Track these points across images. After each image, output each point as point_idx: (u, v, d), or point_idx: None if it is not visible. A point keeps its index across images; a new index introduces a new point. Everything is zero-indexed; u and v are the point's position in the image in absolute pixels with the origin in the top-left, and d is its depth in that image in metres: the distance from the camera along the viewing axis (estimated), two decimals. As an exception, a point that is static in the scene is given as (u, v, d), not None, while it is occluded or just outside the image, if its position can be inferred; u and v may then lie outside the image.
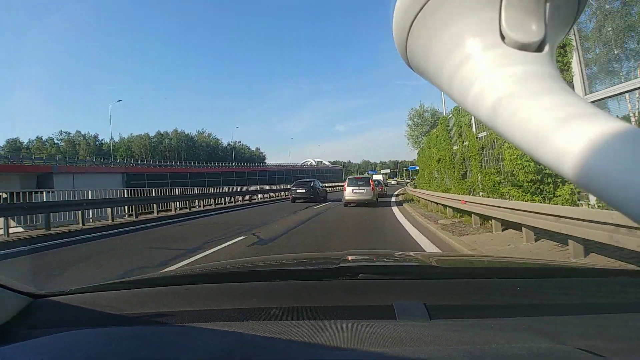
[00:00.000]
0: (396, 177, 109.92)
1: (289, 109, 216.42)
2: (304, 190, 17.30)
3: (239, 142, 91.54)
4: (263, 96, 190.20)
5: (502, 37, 0.25)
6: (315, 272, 1.07)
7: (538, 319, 0.65)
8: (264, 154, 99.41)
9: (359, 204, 12.98)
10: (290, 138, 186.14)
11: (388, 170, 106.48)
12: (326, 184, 27.69)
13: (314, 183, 18.07)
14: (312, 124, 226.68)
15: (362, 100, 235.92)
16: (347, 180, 13.46)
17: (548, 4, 0.24)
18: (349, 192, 12.92)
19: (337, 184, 40.56)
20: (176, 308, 0.75)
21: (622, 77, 5.04)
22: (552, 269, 1.11)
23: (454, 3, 0.25)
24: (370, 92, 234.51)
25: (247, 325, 0.66)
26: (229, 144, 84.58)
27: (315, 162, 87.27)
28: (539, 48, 0.25)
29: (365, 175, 19.84)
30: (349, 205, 12.95)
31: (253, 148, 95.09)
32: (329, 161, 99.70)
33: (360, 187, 12.91)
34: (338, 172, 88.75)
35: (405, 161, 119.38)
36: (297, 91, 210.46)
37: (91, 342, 0.55)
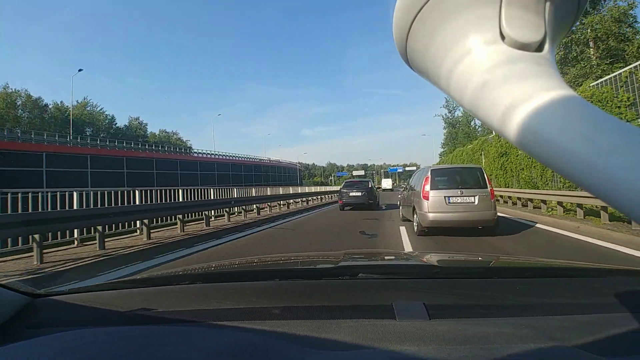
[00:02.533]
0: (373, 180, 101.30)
1: (255, 112, 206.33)
2: (359, 194, 12.04)
3: (137, 118, 64.25)
4: (230, 97, 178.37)
5: (502, 37, 0.25)
6: (316, 271, 1.08)
7: (538, 319, 0.66)
8: (187, 142, 71.85)
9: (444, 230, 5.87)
10: (217, 115, 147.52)
11: (362, 172, 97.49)
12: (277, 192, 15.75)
13: (371, 184, 13.18)
14: (278, 128, 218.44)
15: (331, 107, 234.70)
16: (429, 175, 6.04)
17: (548, 4, 0.25)
18: (436, 204, 5.75)
19: (293, 189, 18.84)
20: (176, 307, 0.74)
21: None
22: (552, 269, 1.14)
23: (453, 3, 0.25)
24: (338, 98, 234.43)
25: (247, 325, 0.66)
26: (129, 122, 60.74)
27: (270, 159, 64.95)
28: (538, 48, 0.25)
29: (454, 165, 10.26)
30: (425, 233, 5.94)
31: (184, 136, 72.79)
32: (289, 162, 74.85)
33: (465, 194, 5.76)
34: (293, 173, 69.04)
35: (374, 165, 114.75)
36: (266, 94, 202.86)
37: (90, 342, 0.52)
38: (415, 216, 6.33)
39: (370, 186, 12.89)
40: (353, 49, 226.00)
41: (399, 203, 8.98)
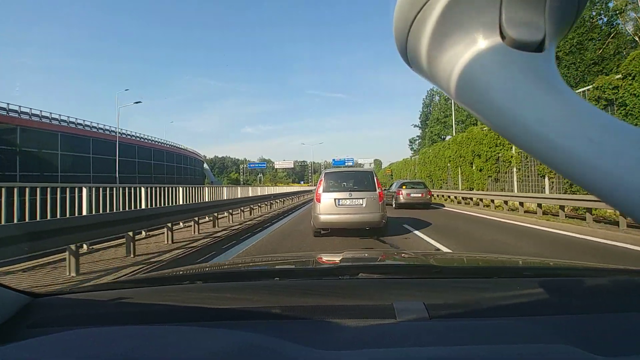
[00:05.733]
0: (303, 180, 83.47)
1: (193, 106, 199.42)
2: None
3: None
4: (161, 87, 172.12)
5: (502, 37, 0.25)
6: (316, 271, 1.08)
7: (538, 318, 0.67)
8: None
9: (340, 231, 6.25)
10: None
11: (291, 164, 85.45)
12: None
13: None
14: (219, 124, 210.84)
15: (274, 106, 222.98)
16: (322, 178, 6.44)
17: (548, 4, 0.25)
18: (326, 206, 6.10)
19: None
20: (176, 307, 0.74)
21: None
22: (551, 269, 1.15)
23: (453, 3, 0.25)
24: (282, 98, 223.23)
25: (247, 325, 0.66)
26: None
27: (169, 143, 45.90)
28: (538, 48, 0.25)
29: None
30: (320, 234, 6.36)
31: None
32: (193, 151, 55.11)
33: (354, 197, 6.14)
34: (196, 164, 52.21)
35: (315, 163, 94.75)
36: (204, 87, 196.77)
37: (91, 342, 0.52)
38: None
39: None
40: (297, 49, 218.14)
41: None
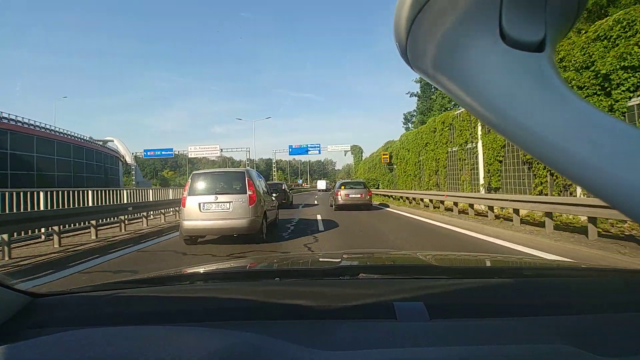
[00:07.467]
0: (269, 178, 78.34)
1: (160, 103, 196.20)
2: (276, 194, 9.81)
3: None
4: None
5: (502, 37, 0.25)
6: (316, 271, 1.08)
7: (538, 319, 0.67)
8: None
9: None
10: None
11: (217, 151, 57.06)
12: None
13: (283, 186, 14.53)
14: (186, 123, 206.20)
15: (244, 105, 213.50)
16: (189, 180, 6.06)
17: (548, 4, 0.25)
18: (190, 211, 5.65)
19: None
20: (176, 308, 0.74)
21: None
22: (552, 269, 1.16)
23: (453, 3, 0.25)
24: (251, 97, 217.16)
25: (247, 325, 0.66)
26: None
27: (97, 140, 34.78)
28: (539, 48, 0.25)
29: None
30: (191, 242, 5.91)
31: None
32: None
33: (220, 200, 5.67)
34: (109, 162, 35.43)
35: (281, 160, 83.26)
36: (172, 84, 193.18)
37: (91, 342, 0.52)
38: None
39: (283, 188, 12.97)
40: (266, 48, 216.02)
41: None
